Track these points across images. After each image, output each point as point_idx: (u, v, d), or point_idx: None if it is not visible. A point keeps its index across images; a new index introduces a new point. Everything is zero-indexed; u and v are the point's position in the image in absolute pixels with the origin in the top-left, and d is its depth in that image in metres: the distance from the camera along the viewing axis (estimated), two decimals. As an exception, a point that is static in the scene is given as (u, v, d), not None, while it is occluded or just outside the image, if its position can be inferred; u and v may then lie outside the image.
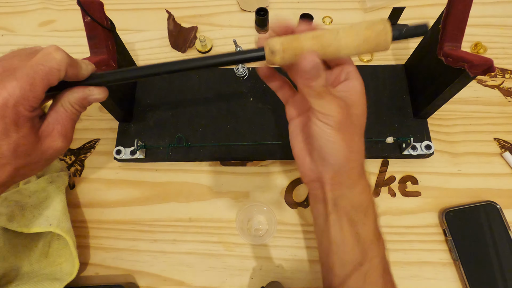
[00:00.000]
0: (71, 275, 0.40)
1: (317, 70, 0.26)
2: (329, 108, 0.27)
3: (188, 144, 0.48)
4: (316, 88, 0.27)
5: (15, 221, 0.39)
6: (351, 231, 0.29)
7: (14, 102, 0.24)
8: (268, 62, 0.27)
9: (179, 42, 0.57)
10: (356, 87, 0.29)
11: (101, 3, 0.39)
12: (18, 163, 0.26)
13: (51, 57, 0.25)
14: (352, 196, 0.29)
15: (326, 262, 0.32)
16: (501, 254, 0.42)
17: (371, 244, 0.30)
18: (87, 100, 0.29)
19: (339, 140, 0.27)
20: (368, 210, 0.30)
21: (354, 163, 0.29)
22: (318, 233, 0.33)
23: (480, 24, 0.57)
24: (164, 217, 0.47)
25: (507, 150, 0.48)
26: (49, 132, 0.27)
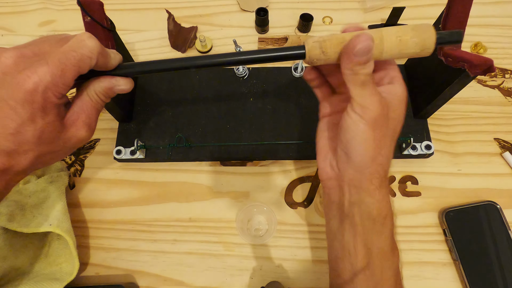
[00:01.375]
0: (71, 275, 0.40)
1: (368, 54, 0.24)
2: (369, 101, 0.26)
3: (188, 144, 0.48)
4: (361, 75, 0.25)
5: (15, 221, 0.39)
6: (366, 240, 0.28)
7: (44, 88, 0.23)
8: (308, 61, 0.26)
9: (179, 42, 0.57)
10: (399, 92, 0.28)
11: (101, 3, 0.39)
12: (41, 150, 0.25)
13: (83, 44, 0.25)
14: (371, 203, 0.28)
15: (335, 266, 0.31)
16: (501, 254, 0.42)
17: (384, 256, 0.28)
18: (113, 90, 0.29)
19: (369, 138, 0.26)
20: (386, 220, 0.28)
21: (379, 167, 0.27)
22: (330, 236, 0.32)
23: (480, 24, 0.57)
24: (164, 217, 0.47)
25: (507, 150, 0.48)
26: (74, 120, 0.27)
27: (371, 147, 0.26)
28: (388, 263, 0.29)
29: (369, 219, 0.28)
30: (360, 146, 0.26)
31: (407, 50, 0.26)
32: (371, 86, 0.26)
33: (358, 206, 0.28)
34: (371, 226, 0.28)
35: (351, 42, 0.25)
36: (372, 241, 0.28)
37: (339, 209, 0.30)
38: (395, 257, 0.29)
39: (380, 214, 0.28)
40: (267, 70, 0.53)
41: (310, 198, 0.47)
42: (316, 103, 0.50)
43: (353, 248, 0.28)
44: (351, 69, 0.25)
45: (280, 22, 0.59)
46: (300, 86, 0.51)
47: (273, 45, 0.56)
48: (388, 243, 0.29)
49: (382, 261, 0.28)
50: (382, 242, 0.28)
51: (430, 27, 0.25)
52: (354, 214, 0.28)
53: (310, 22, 0.56)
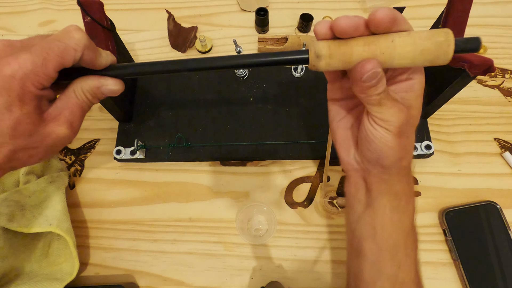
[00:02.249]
0: (71, 275, 0.40)
1: (377, 79, 0.24)
2: (389, 114, 0.25)
3: (188, 144, 0.48)
4: (375, 97, 0.25)
5: (15, 221, 0.39)
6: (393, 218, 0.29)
7: (23, 75, 0.23)
8: (312, 67, 0.26)
9: (179, 42, 0.57)
10: (416, 88, 0.27)
11: (101, 3, 0.39)
12: (16, 144, 0.24)
13: (70, 36, 0.24)
14: (398, 187, 0.29)
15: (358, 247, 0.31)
16: (501, 254, 0.42)
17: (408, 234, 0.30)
18: (101, 90, 0.28)
19: (397, 145, 0.26)
20: (409, 200, 0.30)
21: (406, 161, 0.28)
22: (353, 219, 0.32)
23: (480, 24, 0.57)
24: (164, 217, 0.47)
25: (507, 150, 0.48)
26: (55, 116, 0.26)
27: (398, 152, 0.27)
28: (410, 242, 0.30)
29: (396, 198, 0.29)
30: (389, 153, 0.27)
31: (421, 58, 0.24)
32: (387, 100, 0.25)
33: (387, 192, 0.29)
34: (397, 204, 0.29)
35: (357, 72, 0.24)
36: (398, 219, 0.29)
37: (365, 195, 0.30)
38: (415, 238, 0.31)
39: (406, 193, 0.29)
40: (267, 70, 0.52)
41: (310, 198, 0.47)
42: (316, 103, 0.50)
43: (380, 227, 0.29)
44: (364, 93, 0.25)
45: (280, 22, 0.59)
46: (300, 86, 0.51)
47: (273, 45, 0.56)
48: (410, 223, 0.30)
49: (405, 239, 0.29)
50: (406, 220, 0.29)
51: (447, 32, 0.23)
52: (382, 198, 0.29)
53: (310, 22, 0.56)
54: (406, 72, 0.27)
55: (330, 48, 0.24)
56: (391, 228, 0.29)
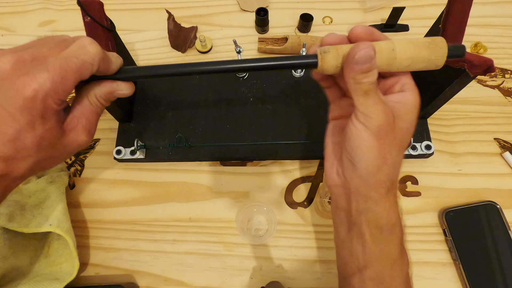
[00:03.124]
0: (71, 275, 0.40)
1: (369, 63, 0.24)
2: (372, 110, 0.25)
3: (188, 144, 0.48)
4: (364, 84, 0.25)
5: (15, 221, 0.39)
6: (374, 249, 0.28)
7: (44, 95, 0.23)
8: (321, 70, 0.27)
9: (179, 42, 0.57)
10: (409, 100, 0.27)
11: (101, 3, 0.39)
12: (40, 156, 0.25)
13: (86, 51, 0.25)
14: (378, 211, 0.27)
15: (344, 273, 0.30)
16: (501, 254, 0.42)
17: (394, 264, 0.28)
18: (114, 94, 0.28)
19: (373, 147, 0.26)
20: (394, 228, 0.28)
21: (385, 176, 0.27)
22: (338, 242, 0.31)
23: (480, 24, 0.57)
24: (164, 217, 0.47)
25: (507, 150, 0.48)
26: (74, 126, 0.27)
27: (375, 156, 0.26)
28: (397, 271, 0.28)
29: (377, 227, 0.27)
30: (364, 154, 0.26)
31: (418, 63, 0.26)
32: (374, 95, 0.25)
33: (365, 215, 0.28)
34: (379, 234, 0.28)
35: (351, 51, 0.25)
36: (380, 250, 0.28)
37: (346, 217, 0.29)
38: (404, 264, 0.29)
39: (388, 223, 0.28)
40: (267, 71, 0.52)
41: (310, 198, 0.47)
42: (316, 103, 0.50)
43: (362, 256, 0.28)
44: (353, 78, 0.25)
45: (280, 22, 0.59)
46: (300, 86, 0.51)
47: (273, 45, 0.56)
48: (397, 251, 0.28)
49: (391, 269, 0.28)
50: (390, 250, 0.28)
51: (443, 41, 0.25)
52: (361, 222, 0.28)
53: (310, 22, 0.56)
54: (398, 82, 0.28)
55: (337, 52, 0.26)
56: (373, 259, 0.28)
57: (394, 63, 0.26)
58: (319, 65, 0.26)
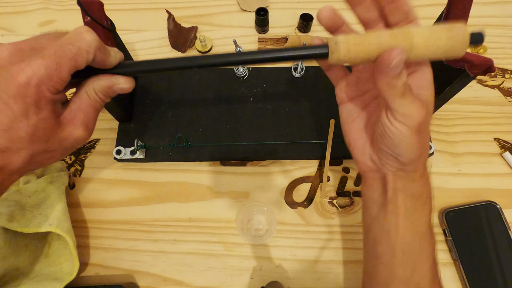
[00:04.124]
0: (71, 275, 0.40)
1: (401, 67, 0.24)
2: (411, 109, 0.25)
3: (188, 144, 0.48)
4: (400, 88, 0.25)
5: (15, 221, 0.39)
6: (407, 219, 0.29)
7: (38, 81, 0.23)
8: (331, 60, 0.25)
9: (179, 42, 0.57)
10: (427, 77, 0.27)
11: (101, 3, 0.39)
12: (35, 149, 0.24)
13: (81, 37, 0.24)
14: (415, 187, 0.29)
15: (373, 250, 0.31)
16: (501, 254, 0.42)
17: (423, 236, 0.29)
18: (113, 89, 0.28)
19: (416, 142, 0.26)
20: (427, 200, 0.30)
21: (423, 159, 0.28)
22: (368, 221, 0.32)
23: (480, 24, 0.57)
24: (164, 217, 0.47)
25: (507, 150, 0.48)
26: (71, 119, 0.26)
27: (417, 149, 0.27)
28: (426, 244, 0.29)
29: (412, 198, 0.29)
30: (408, 150, 0.27)
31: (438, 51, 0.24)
32: (410, 94, 0.25)
33: (403, 191, 0.29)
34: (413, 205, 0.29)
35: (385, 57, 0.24)
36: (413, 220, 0.29)
37: (381, 196, 0.30)
38: (432, 239, 0.30)
39: (422, 195, 0.29)
40: (267, 70, 0.53)
41: (310, 198, 0.47)
42: (316, 103, 0.50)
43: (394, 228, 0.29)
44: (387, 83, 0.25)
45: (280, 22, 0.59)
46: (300, 86, 0.51)
47: (273, 45, 0.56)
48: (427, 224, 0.30)
49: (421, 241, 0.29)
50: (422, 221, 0.29)
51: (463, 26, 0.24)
52: (397, 198, 0.29)
53: (310, 22, 0.56)
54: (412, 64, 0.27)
55: (349, 41, 0.24)
56: (405, 231, 0.29)
57: (411, 50, 0.24)
58: (330, 56, 0.25)
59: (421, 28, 0.24)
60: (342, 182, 0.48)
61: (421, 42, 0.24)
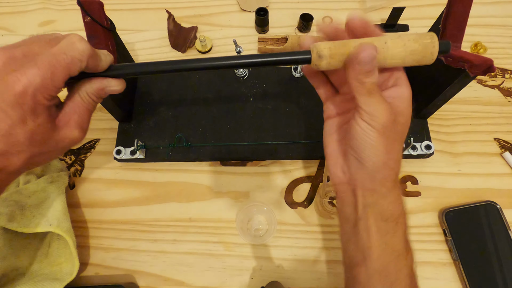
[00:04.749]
0: (71, 275, 0.40)
1: (373, 65, 0.25)
2: (376, 109, 0.26)
3: (188, 144, 0.48)
4: (368, 85, 0.26)
5: (15, 221, 0.39)
6: (380, 241, 0.28)
7: (34, 90, 0.24)
8: (314, 66, 0.27)
9: (179, 42, 0.57)
10: (404, 94, 0.28)
11: (101, 3, 0.39)
12: (33, 151, 0.26)
13: (74, 47, 0.25)
14: (384, 204, 0.28)
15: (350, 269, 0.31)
16: (501, 254, 0.42)
17: (399, 256, 0.29)
18: (105, 91, 0.29)
19: (380, 144, 0.27)
20: (399, 219, 0.29)
21: (390, 171, 0.28)
22: (344, 238, 0.32)
23: (480, 24, 0.57)
24: (164, 217, 0.47)
25: (507, 150, 0.48)
26: (66, 121, 0.27)
27: (382, 153, 0.27)
28: (402, 263, 0.29)
29: (383, 220, 0.28)
30: (371, 152, 0.27)
31: (411, 57, 0.26)
32: (377, 94, 0.26)
33: (372, 208, 0.28)
34: (385, 227, 0.28)
35: (354, 52, 0.25)
36: (386, 242, 0.28)
37: (352, 212, 0.30)
38: (409, 257, 0.30)
39: (393, 215, 0.29)
40: (267, 70, 0.53)
41: (310, 198, 0.47)
42: (316, 103, 0.50)
43: (368, 249, 0.29)
44: (356, 78, 0.26)
45: (280, 22, 0.59)
46: (300, 86, 0.51)
47: (273, 45, 0.56)
48: (402, 243, 0.29)
49: (396, 261, 0.29)
50: (396, 242, 0.29)
51: (432, 35, 0.26)
52: (367, 216, 0.29)
53: (310, 22, 0.56)
54: (391, 76, 0.28)
55: (331, 49, 0.26)
56: (379, 251, 0.28)
57: (387, 58, 0.26)
58: (313, 60, 0.27)
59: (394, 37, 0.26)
60: (342, 182, 0.48)
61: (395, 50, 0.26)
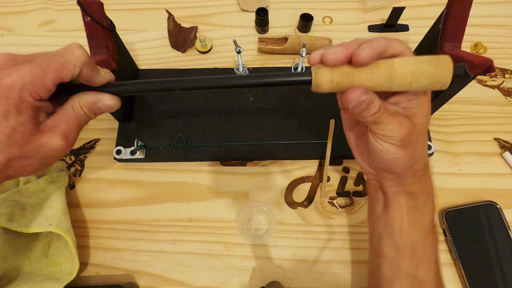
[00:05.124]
0: (71, 275, 0.40)
1: (366, 104, 0.25)
2: (389, 130, 0.27)
3: (188, 144, 0.48)
4: (369, 118, 0.26)
5: (15, 221, 0.39)
6: (410, 219, 0.30)
7: (21, 85, 0.24)
8: (314, 90, 0.27)
9: (179, 42, 0.57)
10: (418, 96, 0.27)
11: (101, 3, 0.39)
12: (11, 153, 0.25)
13: (70, 52, 0.26)
14: (415, 188, 0.30)
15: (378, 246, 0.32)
16: (501, 254, 0.42)
17: (426, 234, 0.30)
18: (97, 105, 0.29)
19: (403, 155, 0.28)
20: (428, 199, 0.31)
21: (418, 165, 0.29)
22: (374, 218, 0.33)
23: (480, 24, 0.57)
24: (164, 217, 0.47)
25: (507, 150, 0.48)
26: (52, 127, 0.27)
27: (406, 160, 0.28)
28: (429, 241, 0.31)
29: (413, 198, 0.30)
30: (396, 163, 0.28)
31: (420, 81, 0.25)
32: (384, 118, 0.26)
33: (404, 191, 0.30)
34: (414, 203, 0.30)
35: (344, 99, 0.26)
36: (415, 217, 0.30)
37: (384, 196, 0.32)
38: (435, 236, 0.31)
39: (422, 194, 0.30)
40: (267, 70, 0.53)
41: (310, 198, 0.47)
42: (316, 103, 0.50)
43: (398, 227, 0.30)
44: (357, 116, 0.26)
45: (280, 22, 0.59)
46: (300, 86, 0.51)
47: (273, 45, 0.55)
48: (429, 222, 0.31)
49: (424, 238, 0.30)
50: (424, 221, 0.30)
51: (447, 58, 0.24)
52: (399, 198, 0.30)
53: (310, 22, 0.56)
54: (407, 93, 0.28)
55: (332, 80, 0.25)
56: (409, 227, 0.30)
57: (395, 79, 0.25)
58: (313, 84, 0.26)
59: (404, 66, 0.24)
60: (342, 182, 0.48)
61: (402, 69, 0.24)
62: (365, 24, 0.58)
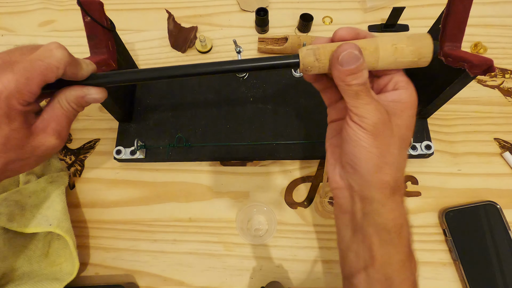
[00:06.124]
0: (71, 275, 0.40)
1: (356, 64, 0.24)
2: (364, 110, 0.25)
3: (188, 144, 0.48)
4: (354, 86, 0.25)
5: (15, 221, 0.39)
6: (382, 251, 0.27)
7: (8, 94, 0.24)
8: (302, 69, 0.26)
9: (179, 42, 0.57)
10: (403, 98, 0.27)
11: (101, 3, 0.39)
12: (8, 157, 0.25)
13: (51, 54, 0.25)
14: (384, 213, 0.26)
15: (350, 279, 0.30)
16: (501, 254, 0.42)
17: (402, 267, 0.27)
18: (84, 99, 0.29)
19: (371, 146, 0.25)
20: (402, 230, 0.27)
21: (387, 176, 0.26)
22: (342, 246, 0.30)
23: (480, 24, 0.57)
24: (164, 217, 0.47)
25: (507, 150, 0.48)
26: (43, 128, 0.27)
27: (374, 155, 0.25)
28: (406, 274, 0.28)
29: (384, 230, 0.27)
30: (362, 154, 0.26)
31: (403, 59, 0.25)
32: (365, 95, 0.25)
33: (372, 217, 0.27)
34: (387, 237, 0.27)
35: (334, 52, 0.25)
36: (389, 253, 0.27)
37: (351, 219, 0.29)
38: (412, 267, 0.28)
39: (395, 225, 0.27)
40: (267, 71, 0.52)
41: (310, 198, 0.47)
42: (316, 103, 0.50)
43: (370, 258, 0.27)
44: (342, 80, 0.25)
45: (280, 22, 0.59)
46: (300, 86, 0.51)
47: (273, 45, 0.55)
48: (405, 253, 0.28)
49: (400, 272, 0.27)
50: (399, 253, 0.27)
51: (427, 36, 0.25)
52: (368, 225, 0.27)
53: (310, 22, 0.56)
54: (391, 80, 0.27)
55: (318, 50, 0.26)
56: (381, 261, 0.27)
57: (378, 59, 0.25)
58: (301, 63, 0.26)
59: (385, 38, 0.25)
60: (342, 182, 0.48)
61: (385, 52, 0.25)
62: (365, 24, 0.58)
